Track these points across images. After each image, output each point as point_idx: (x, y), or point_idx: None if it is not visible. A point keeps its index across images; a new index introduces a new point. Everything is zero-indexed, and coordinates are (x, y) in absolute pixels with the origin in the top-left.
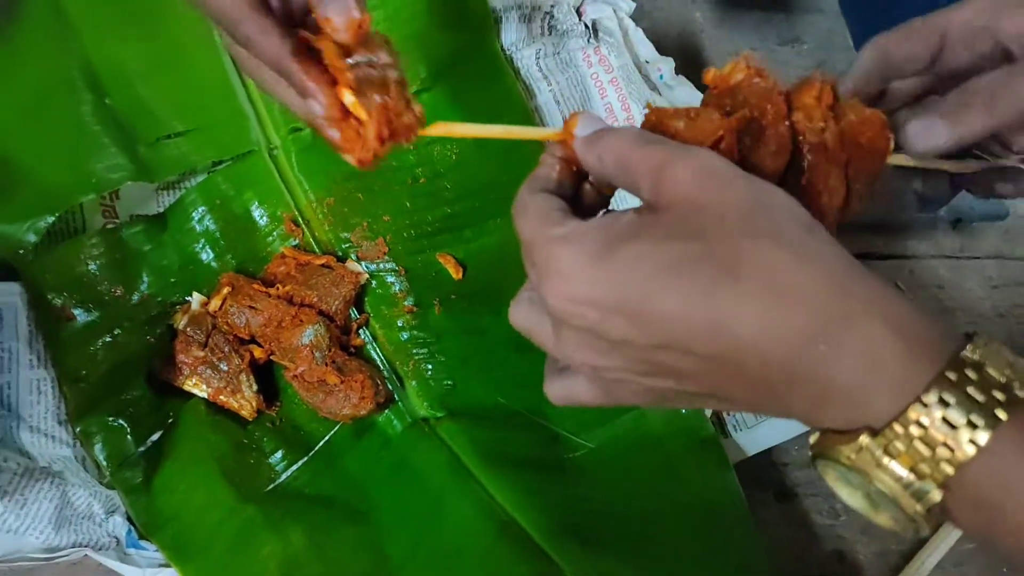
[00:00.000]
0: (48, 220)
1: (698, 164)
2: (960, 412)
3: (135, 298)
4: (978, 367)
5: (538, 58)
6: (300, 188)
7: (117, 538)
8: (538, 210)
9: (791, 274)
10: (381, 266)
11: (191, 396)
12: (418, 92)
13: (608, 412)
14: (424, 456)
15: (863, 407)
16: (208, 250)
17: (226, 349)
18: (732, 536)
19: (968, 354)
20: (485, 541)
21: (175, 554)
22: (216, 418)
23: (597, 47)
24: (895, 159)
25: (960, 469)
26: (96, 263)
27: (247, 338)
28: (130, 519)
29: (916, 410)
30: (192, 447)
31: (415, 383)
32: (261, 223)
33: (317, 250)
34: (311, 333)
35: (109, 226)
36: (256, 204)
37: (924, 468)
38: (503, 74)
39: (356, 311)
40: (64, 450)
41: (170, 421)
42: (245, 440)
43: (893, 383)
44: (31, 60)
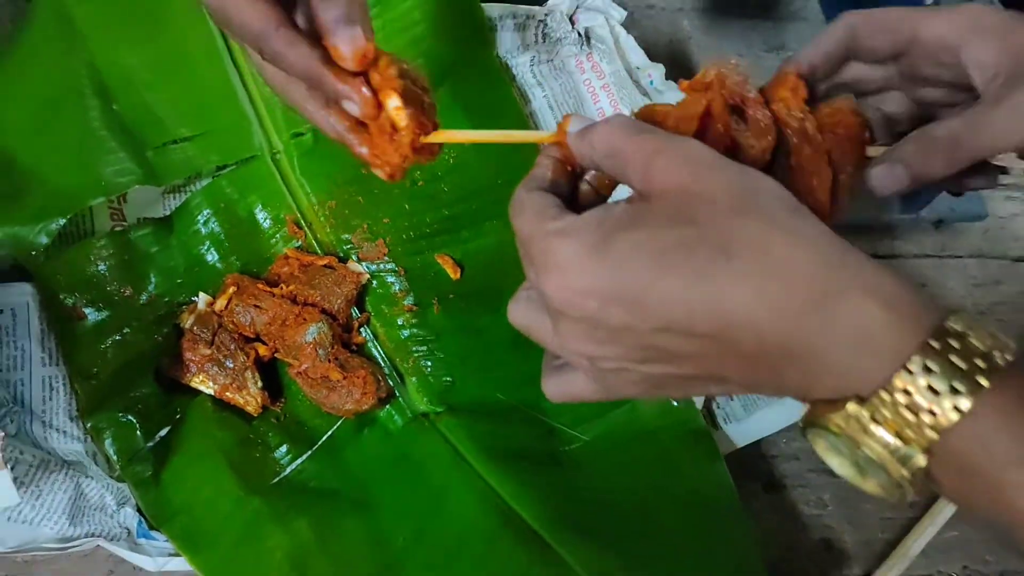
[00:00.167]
0: (59, 223)
1: (686, 152)
2: (943, 379)
3: (143, 298)
4: (961, 337)
5: (532, 65)
6: (302, 191)
7: (128, 529)
8: (535, 207)
9: (781, 252)
10: (381, 266)
11: (198, 393)
12: None
13: (602, 406)
14: (425, 449)
15: (852, 377)
16: (213, 252)
17: (232, 347)
18: (723, 525)
19: (952, 324)
20: (486, 530)
21: (185, 544)
22: (222, 414)
23: (590, 54)
24: (873, 151)
25: (943, 434)
26: (105, 264)
27: (252, 336)
28: (140, 511)
29: (902, 378)
30: (199, 442)
31: (415, 379)
32: (264, 225)
33: (319, 251)
34: (314, 331)
35: (117, 228)
36: (260, 207)
37: (909, 433)
38: (499, 80)
39: (357, 310)
40: (76, 445)
41: (178, 417)
42: (251, 435)
43: (881, 353)
44: (41, 68)
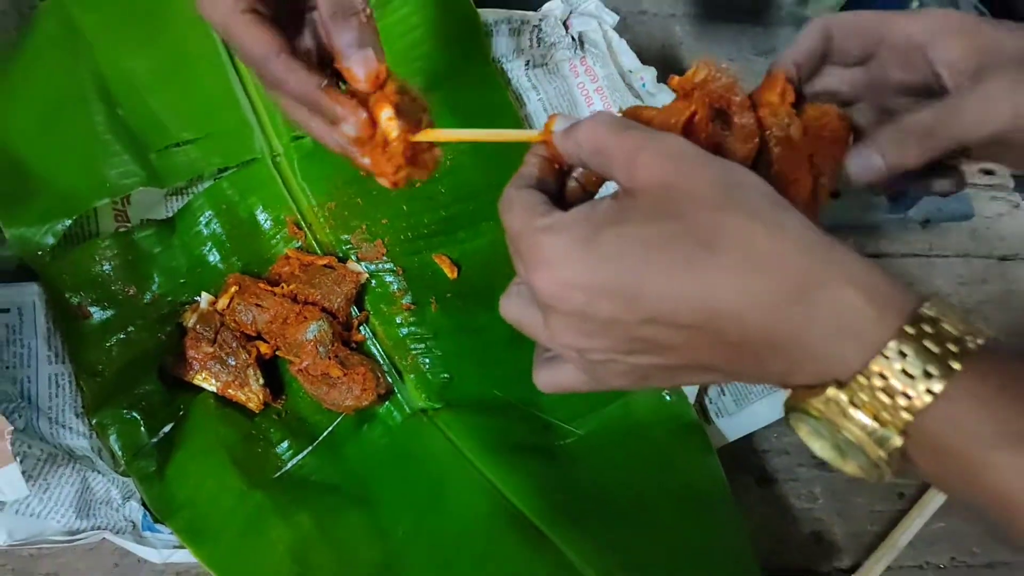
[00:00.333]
0: (65, 224)
1: (669, 148)
2: (917, 363)
3: (147, 297)
4: (934, 322)
5: (527, 68)
6: (302, 193)
7: (133, 522)
8: (524, 204)
9: (764, 245)
10: (380, 266)
11: (201, 390)
12: None
13: (596, 400)
14: (424, 444)
15: (832, 363)
16: (215, 252)
17: (234, 345)
18: (716, 518)
19: (925, 310)
20: (484, 522)
21: (189, 537)
22: (225, 411)
23: (583, 57)
24: None
25: (918, 416)
26: (110, 264)
27: (254, 334)
28: (145, 504)
29: (878, 363)
30: (202, 438)
31: (413, 376)
32: (265, 226)
33: (319, 251)
34: (315, 329)
35: (121, 229)
36: (260, 208)
37: (886, 416)
38: (495, 84)
39: (357, 308)
40: (81, 441)
41: (181, 414)
42: (253, 431)
43: (859, 339)
44: (47, 74)
